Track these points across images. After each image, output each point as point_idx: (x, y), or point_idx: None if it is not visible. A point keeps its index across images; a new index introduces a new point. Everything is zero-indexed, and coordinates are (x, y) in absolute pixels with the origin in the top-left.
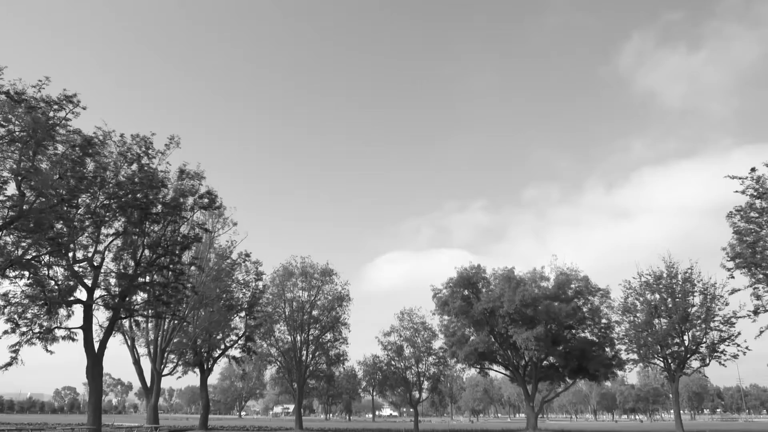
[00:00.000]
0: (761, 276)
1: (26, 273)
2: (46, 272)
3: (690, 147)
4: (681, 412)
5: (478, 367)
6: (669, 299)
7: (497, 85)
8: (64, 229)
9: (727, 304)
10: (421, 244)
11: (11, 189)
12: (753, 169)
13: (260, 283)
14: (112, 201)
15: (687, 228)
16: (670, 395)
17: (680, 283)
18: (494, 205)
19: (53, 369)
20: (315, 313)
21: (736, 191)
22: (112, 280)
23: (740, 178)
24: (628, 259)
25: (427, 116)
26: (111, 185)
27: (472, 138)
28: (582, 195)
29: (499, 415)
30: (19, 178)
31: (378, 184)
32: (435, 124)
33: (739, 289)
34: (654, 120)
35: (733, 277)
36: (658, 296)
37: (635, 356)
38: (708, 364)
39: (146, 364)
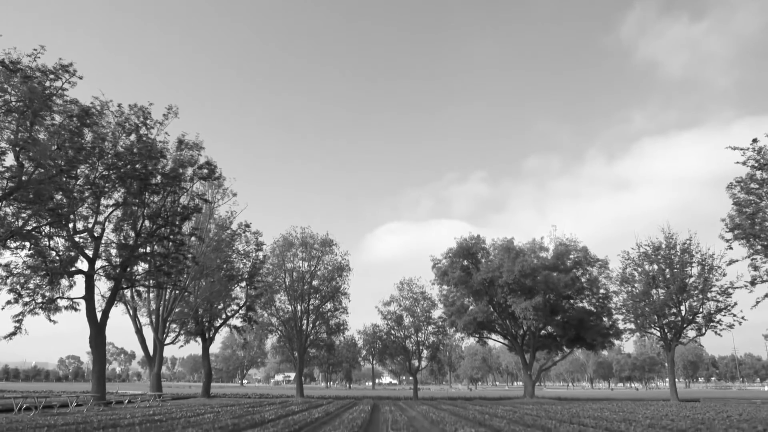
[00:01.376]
0: (759, 247)
1: (27, 244)
2: (47, 243)
3: (691, 118)
4: (676, 380)
5: (477, 336)
6: (667, 270)
7: (497, 55)
8: (64, 200)
9: (724, 275)
10: (421, 214)
11: (9, 160)
12: (754, 140)
13: (260, 254)
14: (111, 172)
15: (687, 199)
16: (666, 364)
17: (678, 254)
18: (494, 177)
19: (57, 338)
20: (315, 283)
21: (737, 162)
22: (113, 251)
23: (741, 150)
24: (628, 230)
25: (426, 87)
26: (110, 156)
27: (472, 109)
28: (582, 166)
29: (497, 383)
30: (17, 148)
31: (378, 155)
32: (435, 95)
33: (737, 260)
34: (655, 91)
35: (731, 248)
36: (656, 267)
37: (632, 326)
38: (704, 333)
39: (148, 334)
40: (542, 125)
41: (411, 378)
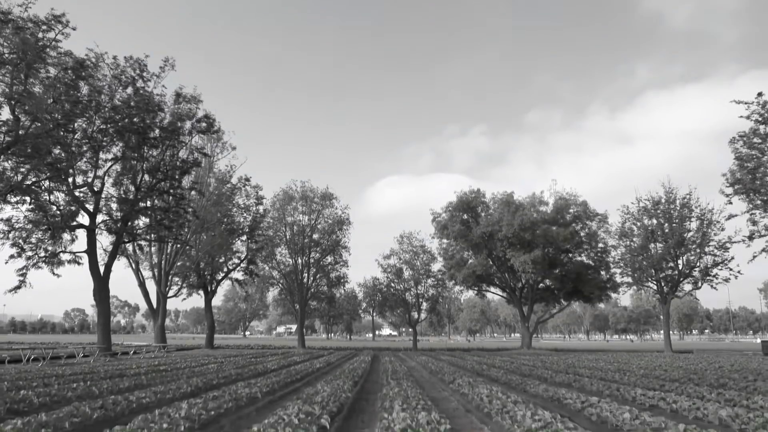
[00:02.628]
0: (759, 202)
1: (27, 198)
2: (47, 197)
3: (696, 72)
4: (671, 332)
5: (476, 289)
6: (666, 224)
7: (499, 8)
8: (62, 155)
9: (722, 230)
10: (422, 168)
11: (6, 114)
12: (759, 94)
13: (261, 208)
14: (108, 125)
15: (688, 154)
16: (661, 316)
17: (678, 208)
18: (495, 130)
19: (62, 292)
20: (315, 236)
21: (741, 116)
22: (114, 205)
23: (746, 104)
24: (628, 184)
25: (427, 40)
26: (106, 109)
27: (473, 62)
28: (584, 120)
29: (495, 334)
30: (13, 102)
31: (378, 109)
32: (435, 48)
33: (735, 215)
34: (660, 44)
35: (730, 203)
36: (655, 221)
37: (629, 279)
38: (700, 287)
39: (151, 287)
40: (544, 79)
41: (410, 330)
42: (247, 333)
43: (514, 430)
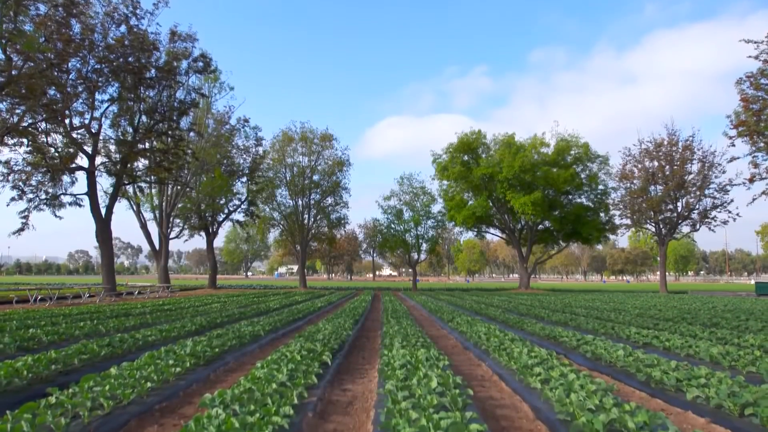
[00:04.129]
0: (762, 144)
1: (25, 140)
2: (45, 139)
3: (705, 10)
4: (666, 273)
5: (476, 230)
6: (667, 166)
7: None
8: (57, 96)
9: (723, 172)
10: (422, 109)
11: None
12: None
13: (260, 149)
14: (103, 65)
15: (693, 95)
16: (658, 258)
17: (680, 150)
18: (497, 70)
19: (65, 234)
20: (315, 177)
21: (750, 56)
22: (112, 147)
23: (755, 43)
24: (631, 126)
25: None
26: (100, 48)
27: (476, 0)
28: (589, 60)
29: (493, 275)
30: (4, 41)
31: (378, 49)
32: None
33: (737, 158)
34: None
35: (733, 146)
36: (656, 163)
37: (628, 221)
38: (698, 229)
39: (153, 229)
40: (548, 17)
41: (410, 270)
42: (249, 274)
43: (511, 366)
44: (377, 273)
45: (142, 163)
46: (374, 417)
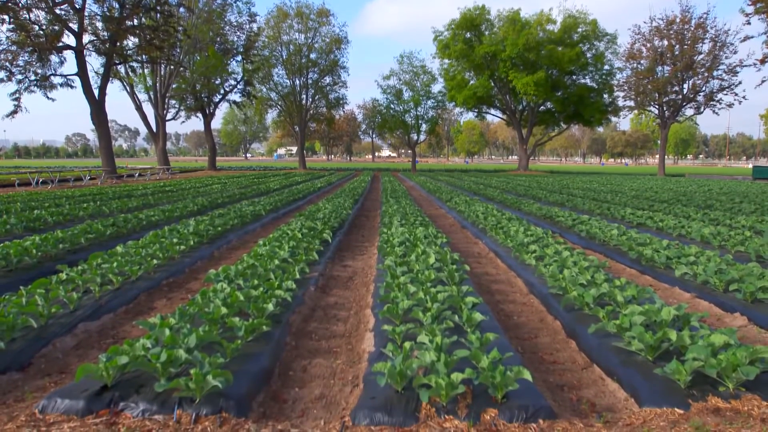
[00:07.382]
0: None
1: (6, 17)
2: (27, 16)
3: None
4: (666, 157)
5: (476, 111)
6: (677, 46)
7: None
8: None
9: (735, 53)
10: None
11: None
12: None
13: (254, 25)
14: None
15: None
16: (659, 141)
17: (692, 29)
18: None
19: (61, 117)
20: (313, 56)
21: None
22: (100, 25)
23: None
24: (642, 2)
25: None
26: None
27: None
28: None
29: (493, 156)
30: None
31: None
32: None
33: (751, 36)
34: None
35: (749, 23)
36: (666, 43)
37: (632, 103)
38: (702, 112)
39: (149, 110)
40: None
41: (409, 151)
42: (248, 155)
43: (507, 244)
44: (376, 154)
45: (132, 42)
46: (374, 290)
